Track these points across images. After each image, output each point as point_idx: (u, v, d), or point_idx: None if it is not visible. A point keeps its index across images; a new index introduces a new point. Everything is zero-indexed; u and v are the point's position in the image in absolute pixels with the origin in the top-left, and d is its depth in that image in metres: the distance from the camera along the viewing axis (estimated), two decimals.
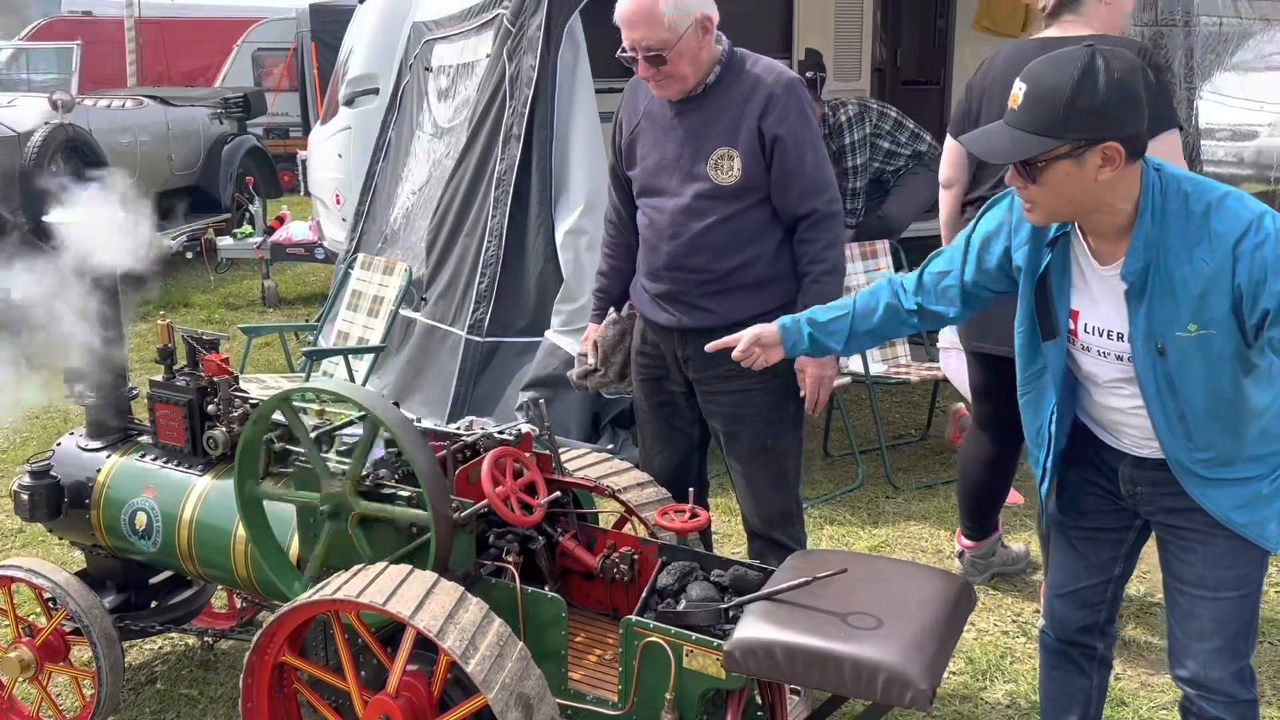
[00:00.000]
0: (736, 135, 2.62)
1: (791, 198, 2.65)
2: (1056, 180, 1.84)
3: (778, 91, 2.62)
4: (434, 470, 2.22)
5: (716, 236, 2.68)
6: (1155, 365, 1.94)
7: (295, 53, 13.87)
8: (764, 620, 2.01)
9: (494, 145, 4.76)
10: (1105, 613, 2.29)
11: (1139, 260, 1.89)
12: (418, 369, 5.05)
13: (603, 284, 3.05)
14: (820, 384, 2.70)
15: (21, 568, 2.78)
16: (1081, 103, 1.78)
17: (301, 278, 9.03)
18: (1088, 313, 2.02)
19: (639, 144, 2.78)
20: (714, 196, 2.66)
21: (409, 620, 2.01)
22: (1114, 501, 2.19)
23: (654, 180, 2.75)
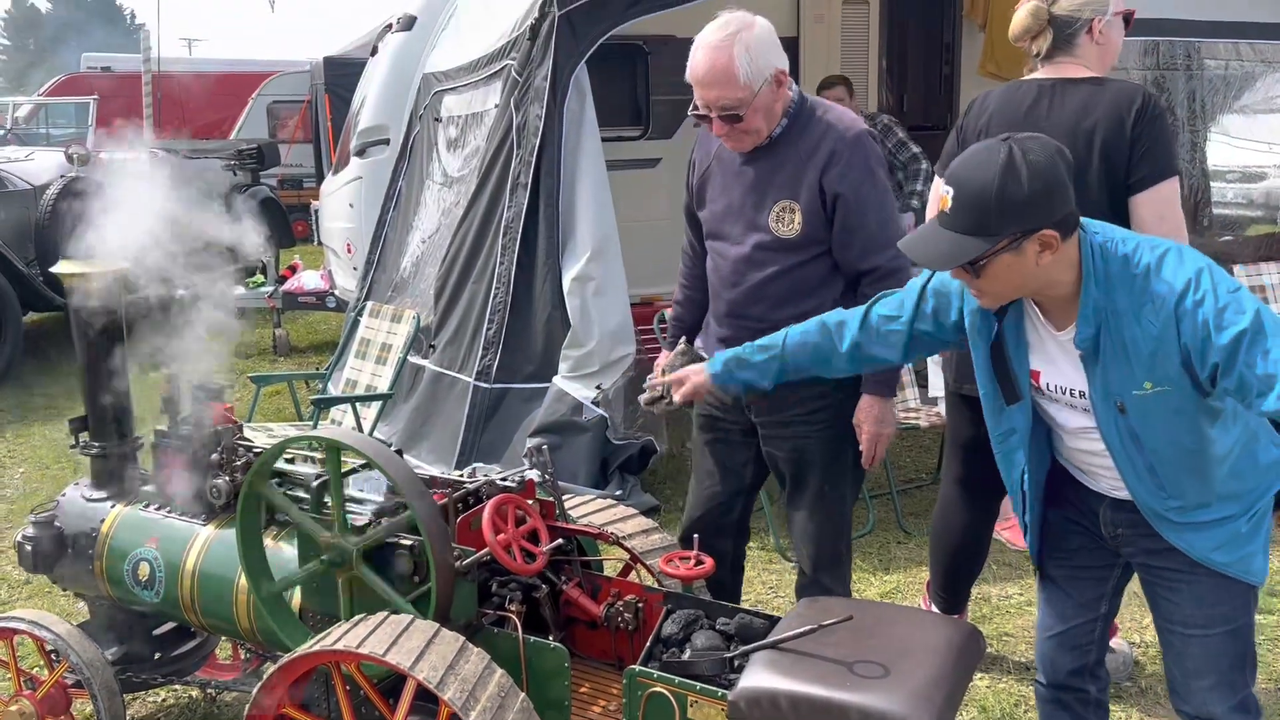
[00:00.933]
0: (798, 189, 2.62)
1: (853, 254, 2.65)
2: (999, 272, 1.89)
3: (840, 147, 2.61)
4: (435, 518, 2.20)
5: (775, 287, 2.68)
6: (1117, 422, 1.96)
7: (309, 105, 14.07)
8: (769, 669, 1.98)
9: (501, 193, 4.80)
10: (1095, 653, 2.28)
11: (1089, 327, 1.92)
12: (426, 416, 5.05)
13: (677, 312, 3.07)
14: (878, 440, 2.71)
15: (24, 619, 2.76)
16: (1009, 199, 1.82)
17: (313, 326, 9.08)
18: (1048, 372, 2.05)
19: (709, 186, 2.81)
20: (774, 248, 2.66)
21: (409, 671, 1.98)
22: (1096, 540, 2.20)
23: (720, 225, 2.78)
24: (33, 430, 6.16)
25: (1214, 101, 7.18)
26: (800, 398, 2.72)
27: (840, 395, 2.72)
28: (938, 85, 8.41)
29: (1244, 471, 1.99)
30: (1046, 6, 2.79)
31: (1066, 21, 2.78)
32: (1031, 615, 3.65)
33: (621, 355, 4.65)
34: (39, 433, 6.11)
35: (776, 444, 2.80)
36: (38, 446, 5.86)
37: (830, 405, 2.73)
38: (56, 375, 7.35)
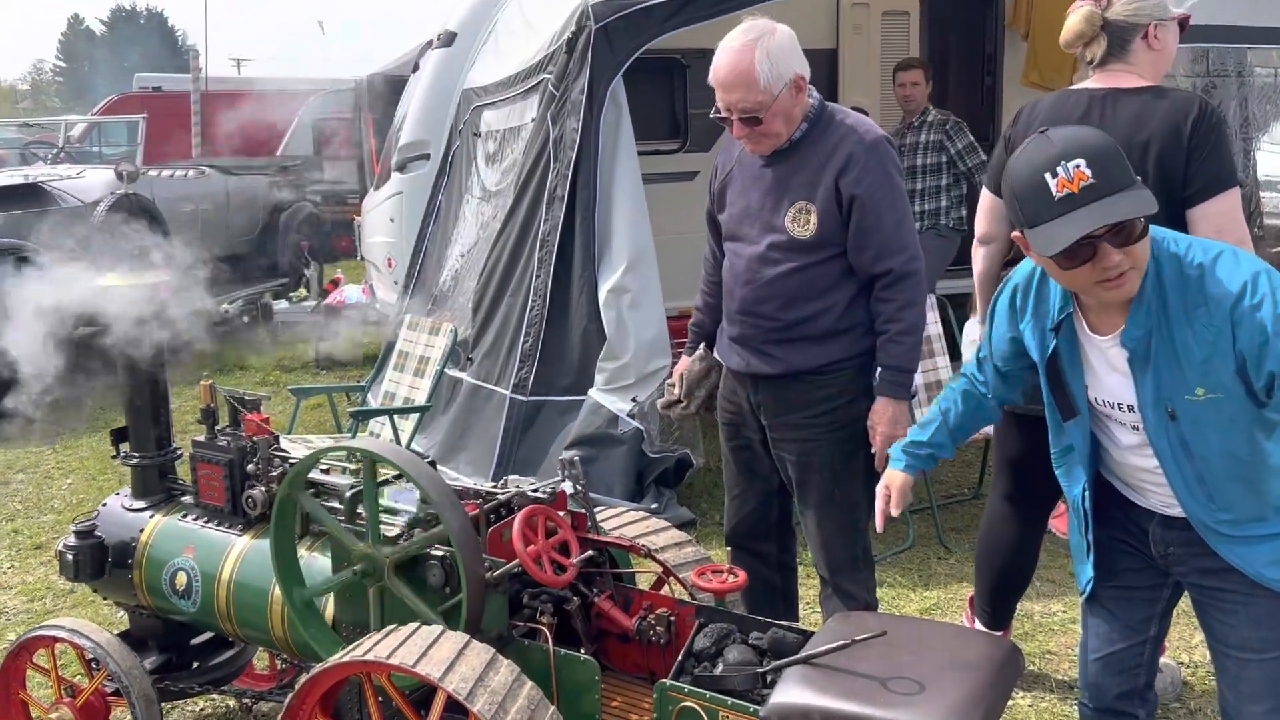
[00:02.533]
0: (815, 191, 2.64)
1: (867, 256, 2.65)
2: (1144, 242, 1.81)
3: (858, 151, 2.63)
4: (466, 529, 2.20)
5: (787, 286, 2.69)
6: (1168, 430, 1.90)
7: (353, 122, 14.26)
8: (802, 685, 1.95)
9: (538, 206, 4.82)
10: (1143, 677, 2.20)
11: (1139, 327, 1.86)
12: (463, 428, 5.07)
13: (698, 319, 3.09)
14: (889, 442, 2.66)
15: (64, 628, 2.79)
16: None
17: (355, 340, 9.15)
18: (1094, 387, 2.00)
19: (729, 190, 2.84)
20: (788, 248, 2.68)
21: (438, 682, 1.98)
22: (1146, 560, 2.12)
23: (737, 227, 2.79)
24: (80, 443, 6.27)
25: (1264, 109, 7.03)
26: (809, 400, 2.71)
27: (849, 398, 2.71)
28: (979, 97, 8.32)
29: None
30: (1101, 11, 2.71)
31: (1122, 27, 2.70)
32: (1075, 633, 3.57)
33: (657, 367, 4.63)
34: (87, 444, 6.21)
35: (786, 446, 2.80)
36: (85, 458, 5.96)
37: (839, 407, 2.71)
38: (104, 389, 7.48)
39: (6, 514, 5.10)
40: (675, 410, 3.10)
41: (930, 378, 4.67)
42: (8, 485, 5.55)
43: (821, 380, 2.70)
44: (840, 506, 2.77)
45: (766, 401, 2.78)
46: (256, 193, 9.99)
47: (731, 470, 3.00)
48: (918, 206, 5.79)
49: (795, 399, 2.73)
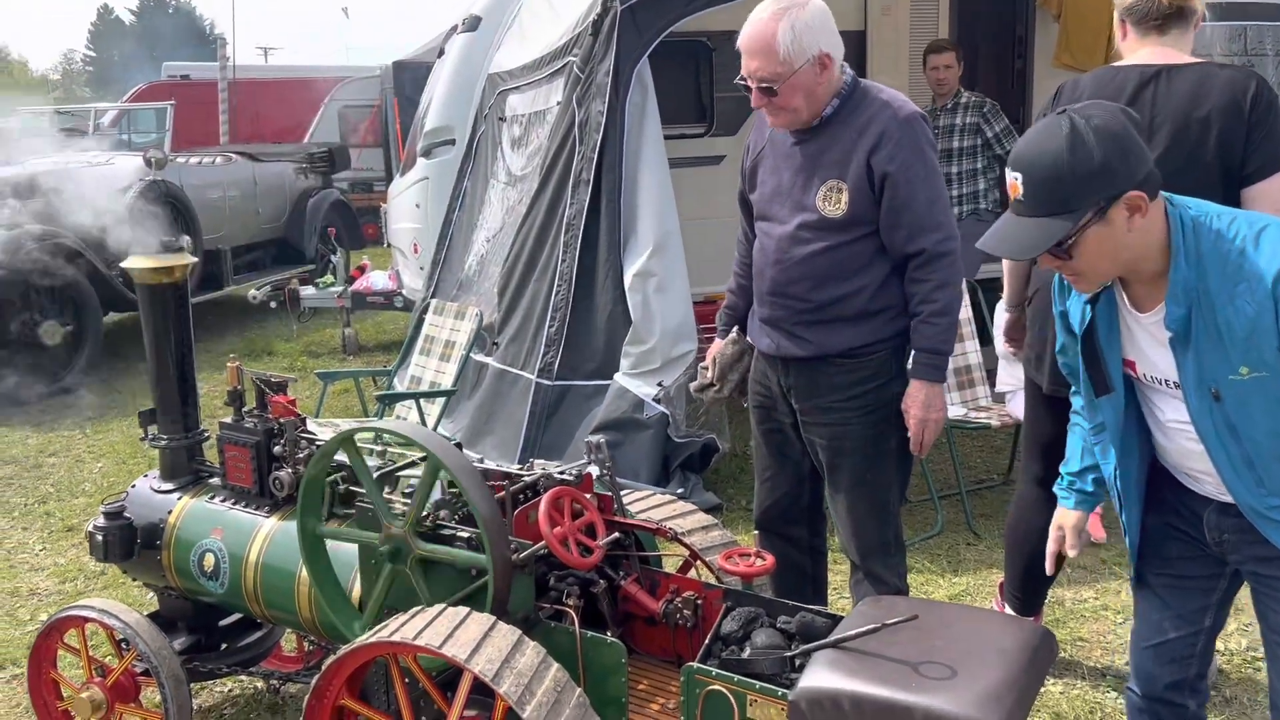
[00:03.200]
0: (846, 168, 2.60)
1: (900, 235, 2.60)
2: (1091, 249, 1.78)
3: (891, 127, 2.58)
4: (493, 511, 2.19)
5: (817, 266, 2.65)
6: (1212, 411, 1.84)
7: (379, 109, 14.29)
8: (831, 669, 1.92)
9: (564, 190, 4.80)
10: (1195, 668, 2.13)
11: (1180, 307, 1.81)
12: (489, 413, 5.06)
13: (731, 301, 3.05)
14: (924, 425, 2.64)
15: (94, 608, 2.81)
16: (1082, 169, 1.72)
17: (381, 326, 9.19)
18: (1142, 362, 1.95)
19: (760, 169, 2.80)
20: (819, 227, 2.64)
21: (464, 664, 1.97)
22: (1200, 548, 2.06)
23: (768, 207, 2.76)
24: (111, 427, 6.33)
25: None
26: (840, 383, 2.68)
27: (882, 381, 2.67)
28: (1010, 79, 8.21)
29: None
30: None
31: (1187, 7, 2.65)
32: (1107, 620, 3.52)
33: (683, 352, 4.61)
34: (117, 429, 6.27)
35: (816, 430, 2.76)
36: (116, 442, 6.02)
37: (872, 390, 2.67)
38: (134, 374, 7.55)
39: (39, 496, 5.16)
40: (708, 394, 3.07)
41: (959, 362, 4.62)
42: (40, 468, 5.61)
43: (853, 363, 2.66)
44: (872, 490, 2.74)
45: (797, 384, 2.75)
46: (283, 179, 10.03)
47: (762, 453, 2.97)
48: (955, 190, 5.71)
49: (826, 382, 2.69)
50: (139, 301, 2.94)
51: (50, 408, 6.77)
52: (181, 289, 2.93)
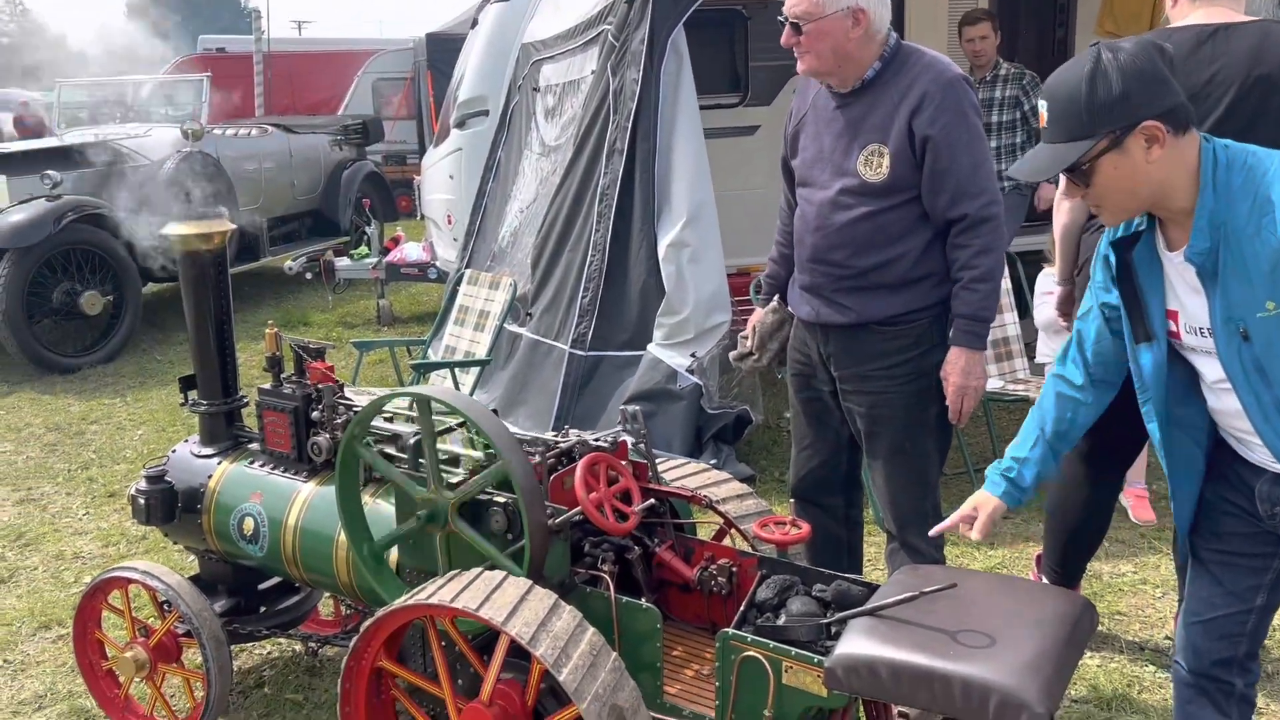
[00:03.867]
0: (888, 132, 2.57)
1: (942, 200, 2.57)
2: (1107, 176, 1.80)
3: (933, 90, 2.54)
4: (529, 476, 2.19)
5: (858, 232, 2.62)
6: (1240, 351, 1.81)
7: (412, 82, 14.29)
8: (868, 636, 1.92)
9: (598, 160, 4.77)
10: (1245, 646, 2.08)
11: (1204, 240, 1.79)
12: (523, 383, 5.08)
13: (772, 269, 3.03)
14: (963, 393, 2.61)
15: (137, 569, 2.86)
16: (1100, 96, 1.76)
17: (415, 298, 9.23)
18: (1183, 314, 1.91)
19: (802, 134, 2.78)
20: (860, 192, 2.61)
21: (501, 626, 1.98)
22: (1255, 523, 2.00)
23: (809, 172, 2.74)
24: (151, 395, 6.42)
25: None
26: (880, 351, 2.65)
27: (923, 349, 2.64)
28: (1050, 48, 8.06)
29: None
30: None
31: None
32: (1146, 594, 3.49)
33: (717, 323, 4.59)
34: (157, 397, 6.35)
35: (855, 399, 2.74)
36: (155, 410, 6.10)
37: (912, 360, 2.65)
38: (173, 343, 7.65)
39: (81, 463, 5.24)
40: (747, 362, 3.06)
41: (998, 334, 4.56)
42: (82, 435, 5.70)
43: (894, 331, 2.64)
44: (910, 460, 2.72)
45: (837, 352, 2.73)
46: (318, 151, 10.06)
47: (800, 422, 2.95)
48: None
49: (866, 350, 2.67)
50: (179, 268, 2.96)
51: (91, 376, 6.87)
52: (221, 256, 2.95)
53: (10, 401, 6.35)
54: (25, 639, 3.51)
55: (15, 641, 3.49)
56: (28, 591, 3.85)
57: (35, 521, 4.50)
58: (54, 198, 6.81)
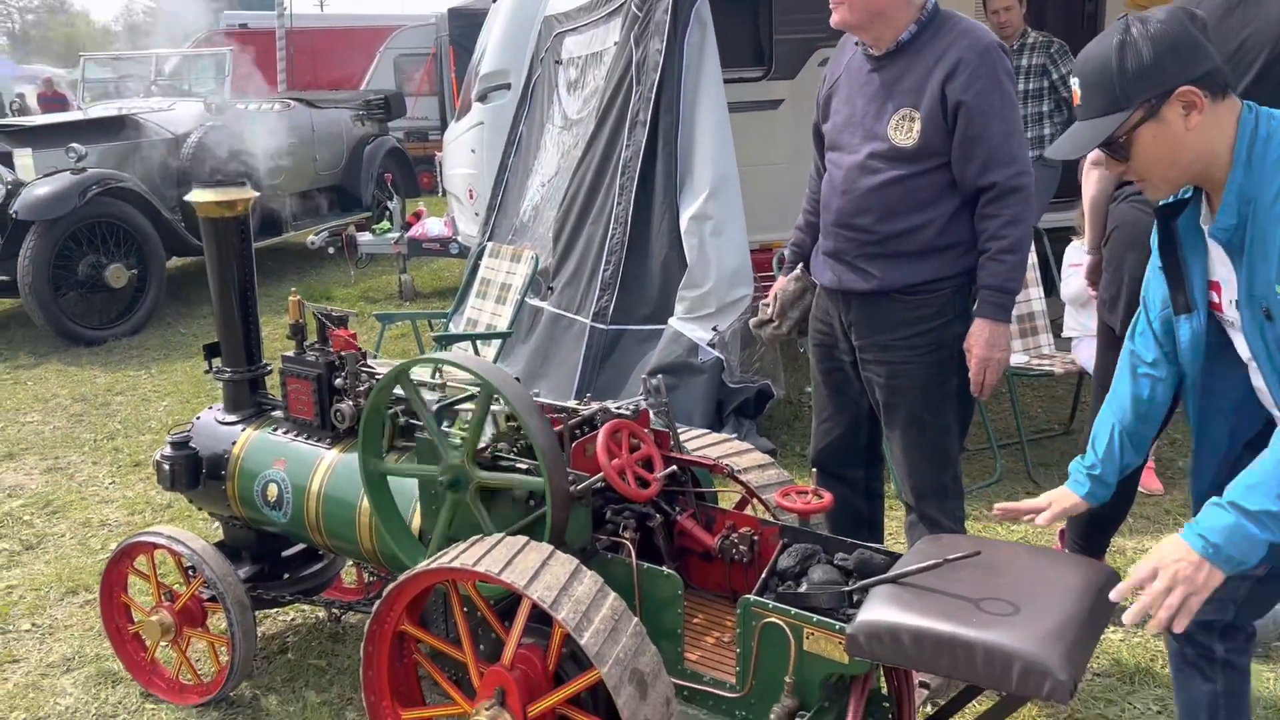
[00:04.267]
0: (920, 97, 2.54)
1: (972, 168, 2.54)
2: (1146, 147, 1.77)
3: (968, 55, 2.51)
4: (551, 442, 2.19)
5: (885, 197, 2.60)
6: (1263, 330, 1.77)
7: (434, 58, 14.26)
8: (890, 603, 1.91)
9: (620, 132, 4.75)
10: (1232, 614, 2.02)
11: (1231, 215, 1.75)
12: (544, 357, 5.08)
13: (797, 238, 3.01)
14: (986, 365, 2.59)
15: (162, 534, 2.89)
16: (1131, 65, 1.73)
17: (437, 273, 9.25)
18: (1226, 288, 1.86)
19: (835, 98, 2.76)
20: (890, 157, 2.59)
21: (523, 590, 1.98)
22: None
23: (839, 136, 2.72)
24: (175, 367, 6.47)
25: None
26: (902, 320, 2.63)
27: (945, 319, 2.62)
28: (1080, 19, 7.95)
29: None
30: None
31: None
32: None
33: (739, 296, 4.57)
34: (181, 369, 6.40)
35: (874, 368, 2.72)
36: (180, 382, 6.15)
37: (933, 330, 2.62)
38: (197, 317, 7.70)
39: (107, 433, 5.29)
40: (767, 330, 3.04)
41: (1023, 309, 4.52)
42: (108, 406, 5.75)
43: (916, 300, 2.62)
44: (929, 432, 2.70)
45: (858, 320, 2.71)
46: (341, 126, 10.07)
47: (821, 393, 2.94)
48: None
49: (887, 318, 2.65)
50: (203, 235, 2.97)
51: (117, 348, 6.93)
52: (244, 223, 2.96)
53: (38, 373, 6.41)
54: (53, 603, 3.56)
55: (44, 606, 3.54)
56: (55, 557, 3.90)
57: (63, 490, 4.55)
58: (78, 171, 6.85)
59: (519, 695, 2.10)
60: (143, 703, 2.95)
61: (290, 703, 2.93)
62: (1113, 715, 2.73)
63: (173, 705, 2.93)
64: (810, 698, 2.02)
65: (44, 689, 3.05)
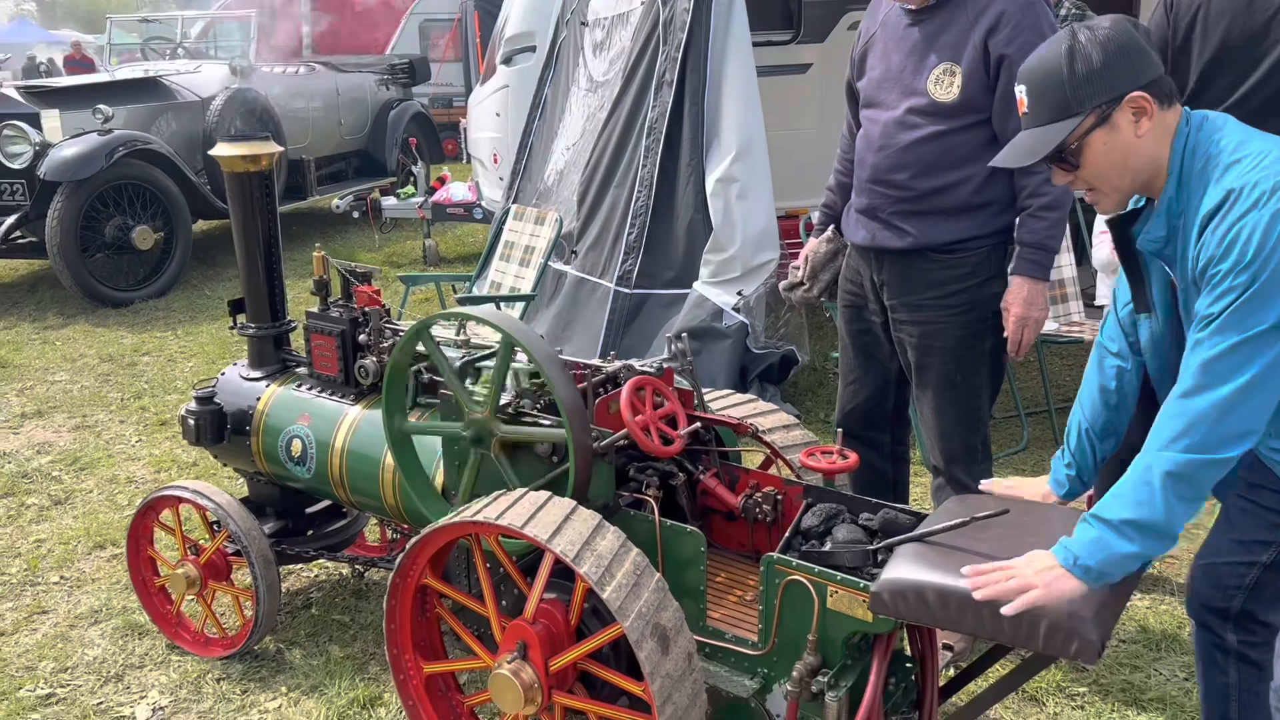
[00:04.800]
0: (961, 51, 2.50)
1: (1014, 123, 2.47)
2: (1098, 154, 1.74)
3: (1011, 9, 2.47)
4: (574, 397, 2.18)
5: (923, 153, 2.56)
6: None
7: (459, 23, 14.18)
8: (916, 561, 1.89)
9: (646, 93, 4.70)
10: (1241, 600, 1.95)
11: (1160, 228, 1.74)
12: (567, 320, 5.06)
13: (829, 199, 2.98)
14: (1024, 324, 2.55)
15: (188, 488, 2.91)
16: (1082, 70, 1.71)
17: (461, 238, 9.24)
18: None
19: (870, 54, 2.71)
20: (929, 112, 2.54)
21: (546, 544, 1.98)
22: None
23: (876, 92, 2.67)
24: (201, 328, 6.50)
25: None
26: (936, 279, 2.60)
27: (980, 279, 2.58)
28: None
29: None
30: None
31: None
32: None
33: (765, 261, 4.53)
34: (207, 331, 6.44)
35: (906, 329, 2.69)
36: (205, 343, 6.18)
37: (967, 289, 2.59)
38: (222, 279, 7.74)
39: (134, 392, 5.34)
40: (797, 293, 3.01)
41: (1054, 275, 4.45)
42: (135, 366, 5.79)
43: (951, 259, 2.57)
44: (961, 394, 2.67)
45: (890, 279, 2.67)
46: (365, 90, 10.05)
47: (848, 355, 2.91)
48: None
49: (921, 278, 2.61)
50: (227, 190, 2.96)
51: (143, 310, 6.97)
52: (268, 178, 2.95)
53: (66, 333, 6.47)
54: (81, 557, 3.60)
55: (72, 559, 3.58)
56: (83, 513, 3.94)
57: (90, 447, 4.59)
58: (105, 132, 6.87)
59: (541, 649, 2.10)
60: (169, 654, 2.99)
61: (314, 656, 2.95)
62: (1138, 681, 2.70)
63: (198, 657, 2.96)
64: (833, 656, 2.00)
65: (72, 639, 3.09)
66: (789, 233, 5.07)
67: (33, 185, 6.81)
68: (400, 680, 2.34)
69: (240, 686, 2.83)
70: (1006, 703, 2.59)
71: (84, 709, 2.76)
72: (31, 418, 4.99)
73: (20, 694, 2.83)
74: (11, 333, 6.48)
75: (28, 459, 4.46)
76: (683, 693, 1.96)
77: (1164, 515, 1.67)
